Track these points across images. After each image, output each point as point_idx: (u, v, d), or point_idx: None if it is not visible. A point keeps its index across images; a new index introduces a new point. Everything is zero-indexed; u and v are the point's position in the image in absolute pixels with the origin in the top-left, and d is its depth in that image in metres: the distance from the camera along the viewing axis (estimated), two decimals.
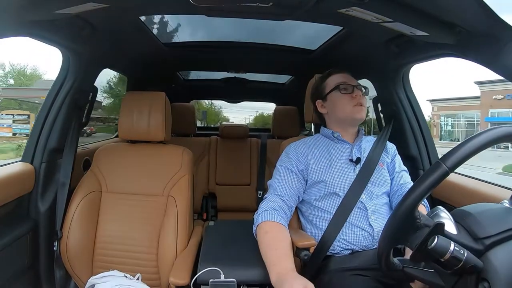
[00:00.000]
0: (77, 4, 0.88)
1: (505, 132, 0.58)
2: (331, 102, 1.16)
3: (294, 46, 1.75)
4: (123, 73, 2.11)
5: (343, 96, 1.12)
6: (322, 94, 1.18)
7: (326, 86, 1.18)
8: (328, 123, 1.21)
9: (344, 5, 0.87)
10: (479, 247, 0.58)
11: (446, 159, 0.58)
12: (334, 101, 1.15)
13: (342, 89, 1.13)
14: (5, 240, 1.04)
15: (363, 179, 1.06)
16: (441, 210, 0.64)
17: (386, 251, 0.64)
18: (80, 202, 1.20)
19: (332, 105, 1.16)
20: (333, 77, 1.18)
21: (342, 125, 1.16)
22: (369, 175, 1.07)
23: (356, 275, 0.94)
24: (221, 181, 2.29)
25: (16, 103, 13.91)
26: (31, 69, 20.59)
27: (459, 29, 0.85)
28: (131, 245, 1.21)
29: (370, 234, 1.02)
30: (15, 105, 13.74)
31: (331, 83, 1.17)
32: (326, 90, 1.17)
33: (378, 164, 1.10)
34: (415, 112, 1.47)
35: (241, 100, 3.53)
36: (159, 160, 1.30)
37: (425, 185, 0.58)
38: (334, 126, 1.18)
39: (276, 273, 0.82)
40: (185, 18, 1.57)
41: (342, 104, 1.13)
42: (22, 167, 1.20)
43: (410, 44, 1.11)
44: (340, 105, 1.13)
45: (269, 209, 0.99)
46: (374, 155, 1.12)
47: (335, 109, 1.15)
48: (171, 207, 1.21)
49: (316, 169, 1.09)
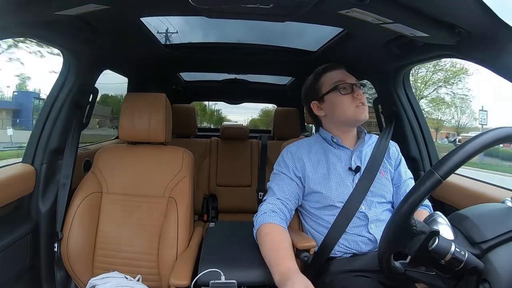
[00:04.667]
0: (77, 5, 0.88)
1: (496, 137, 0.58)
2: (329, 104, 1.09)
3: (295, 48, 1.75)
4: (123, 74, 2.11)
5: (343, 97, 1.05)
6: (318, 95, 1.10)
7: (322, 85, 1.10)
8: (326, 126, 1.14)
9: (344, 6, 0.87)
10: (476, 251, 0.58)
11: (438, 168, 0.58)
12: (334, 103, 1.07)
13: (341, 89, 1.06)
14: (6, 241, 1.04)
15: (362, 189, 1.02)
16: (438, 216, 0.65)
17: (386, 256, 0.65)
18: (81, 203, 1.20)
19: (331, 107, 1.08)
20: (329, 74, 1.10)
21: (342, 128, 1.10)
22: (369, 185, 1.02)
23: (358, 276, 0.94)
24: (221, 183, 2.29)
25: None
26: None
27: (459, 30, 0.85)
28: (131, 246, 1.21)
29: (371, 240, 1.01)
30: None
31: (328, 82, 1.09)
32: (322, 90, 1.09)
33: (379, 173, 1.05)
34: (416, 113, 1.47)
35: (242, 102, 3.53)
36: (159, 161, 1.30)
37: (418, 195, 0.59)
38: (333, 128, 1.12)
39: (280, 273, 0.81)
40: (185, 19, 1.57)
41: (343, 106, 1.05)
42: (23, 168, 1.20)
43: (411, 45, 1.11)
44: (340, 107, 1.06)
45: (268, 211, 0.99)
46: (374, 164, 1.05)
47: (335, 111, 1.08)
48: (171, 209, 1.21)
49: (313, 178, 1.06)
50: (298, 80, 2.49)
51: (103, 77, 1.86)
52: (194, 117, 2.38)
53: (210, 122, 12.33)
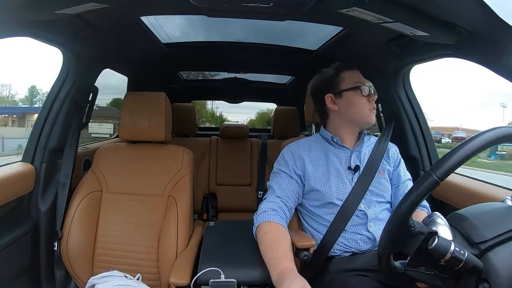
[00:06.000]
0: (77, 4, 0.88)
1: (493, 137, 0.58)
2: (347, 101, 1.09)
3: (295, 47, 1.75)
4: (123, 73, 2.11)
5: (363, 98, 1.07)
6: (336, 89, 1.10)
7: (343, 81, 1.10)
8: (334, 122, 1.14)
9: (345, 5, 0.87)
10: (475, 252, 0.58)
11: (435, 169, 0.58)
12: (352, 101, 1.08)
13: (363, 90, 1.07)
14: (6, 240, 1.04)
15: (361, 188, 1.03)
16: (437, 216, 0.65)
17: (385, 256, 0.65)
18: (81, 202, 1.20)
19: (348, 104, 1.09)
20: (349, 72, 1.11)
21: (349, 127, 1.12)
22: (368, 184, 1.04)
23: (357, 276, 0.94)
24: (221, 182, 2.29)
25: None
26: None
27: (459, 29, 0.85)
28: (131, 245, 1.21)
29: (370, 238, 1.01)
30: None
31: (348, 79, 1.10)
32: (341, 86, 1.10)
33: (378, 172, 1.07)
34: (416, 113, 1.47)
35: (241, 101, 3.53)
36: (159, 160, 1.30)
37: (415, 196, 0.59)
38: (340, 126, 1.12)
39: (277, 273, 0.82)
40: (185, 18, 1.56)
41: (360, 106, 1.07)
42: (22, 167, 1.20)
43: (411, 44, 1.10)
44: (357, 107, 1.08)
45: (268, 210, 0.99)
46: (373, 163, 1.07)
47: (351, 109, 1.08)
48: (171, 208, 1.21)
49: (313, 176, 1.07)
50: (297, 79, 2.49)
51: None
52: (194, 116, 2.38)
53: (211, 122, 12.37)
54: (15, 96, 15.26)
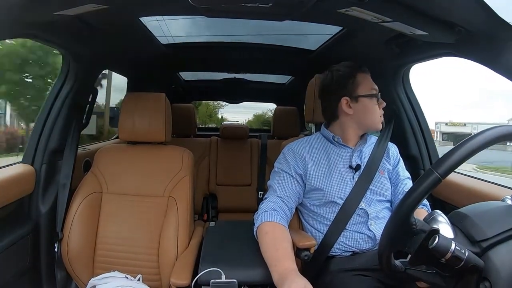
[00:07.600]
0: (77, 5, 0.88)
1: (496, 135, 0.58)
2: (363, 107, 1.08)
3: (294, 47, 1.75)
4: (123, 74, 2.11)
5: (376, 105, 1.08)
6: (353, 93, 1.08)
7: (359, 85, 1.08)
8: (341, 124, 1.11)
9: (344, 5, 0.87)
10: (476, 250, 0.58)
11: (438, 167, 0.58)
12: (368, 108, 1.08)
13: (379, 99, 1.08)
14: (6, 242, 1.04)
15: (362, 187, 1.04)
16: (438, 214, 0.65)
17: (386, 255, 0.65)
18: (81, 203, 1.20)
19: (364, 110, 1.08)
20: (363, 76, 1.10)
21: (358, 129, 1.11)
22: (368, 183, 1.04)
23: (358, 275, 0.94)
24: (221, 182, 2.29)
25: None
26: None
27: (459, 28, 0.85)
28: (132, 246, 1.21)
29: (371, 237, 1.02)
30: None
31: (365, 85, 1.09)
32: (358, 91, 1.08)
33: (378, 171, 1.07)
34: (416, 112, 1.47)
35: (241, 101, 3.53)
36: (159, 161, 1.30)
37: (417, 193, 0.59)
38: (348, 127, 1.11)
39: (278, 273, 0.82)
40: (185, 18, 1.57)
41: (374, 113, 1.08)
42: (22, 169, 1.20)
43: (410, 43, 1.10)
44: (372, 114, 1.08)
45: (269, 209, 0.99)
46: (373, 162, 1.07)
47: (366, 115, 1.08)
48: (171, 208, 1.21)
49: (314, 175, 1.07)
50: (297, 79, 2.49)
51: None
52: (194, 117, 2.38)
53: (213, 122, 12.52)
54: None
